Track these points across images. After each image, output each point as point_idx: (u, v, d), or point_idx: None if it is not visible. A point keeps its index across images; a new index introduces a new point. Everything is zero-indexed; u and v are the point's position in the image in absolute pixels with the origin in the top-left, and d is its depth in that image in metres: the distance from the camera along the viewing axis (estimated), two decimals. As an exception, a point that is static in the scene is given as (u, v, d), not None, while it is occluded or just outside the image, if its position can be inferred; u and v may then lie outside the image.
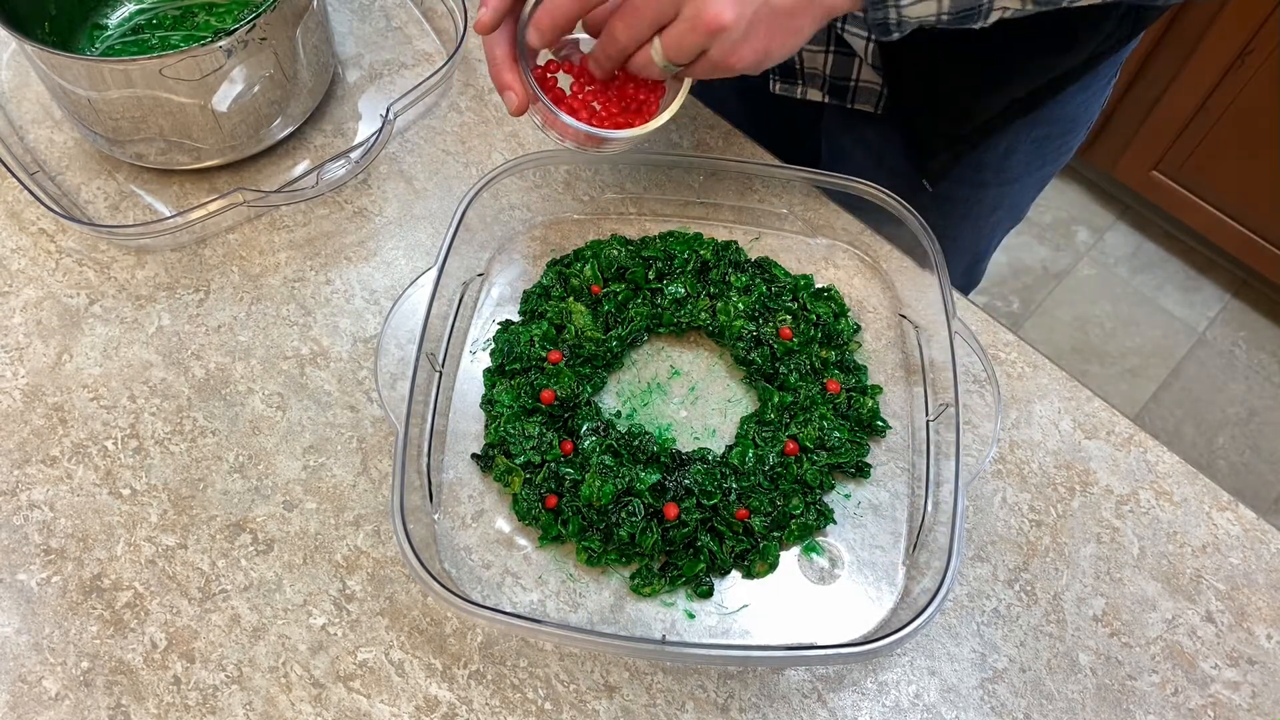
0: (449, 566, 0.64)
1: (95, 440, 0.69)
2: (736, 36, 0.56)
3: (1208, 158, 1.74)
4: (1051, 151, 0.90)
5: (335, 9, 0.91)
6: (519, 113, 0.63)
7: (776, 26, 0.57)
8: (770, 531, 0.64)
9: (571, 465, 0.65)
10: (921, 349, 0.72)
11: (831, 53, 0.79)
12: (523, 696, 0.61)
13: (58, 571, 0.64)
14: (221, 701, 0.60)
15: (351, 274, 0.77)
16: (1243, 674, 0.62)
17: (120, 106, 0.72)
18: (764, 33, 0.57)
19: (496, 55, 0.62)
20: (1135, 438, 0.70)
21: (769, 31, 0.57)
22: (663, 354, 0.74)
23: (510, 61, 0.62)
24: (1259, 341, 1.91)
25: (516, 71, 0.62)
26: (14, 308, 0.74)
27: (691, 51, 0.57)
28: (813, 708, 0.61)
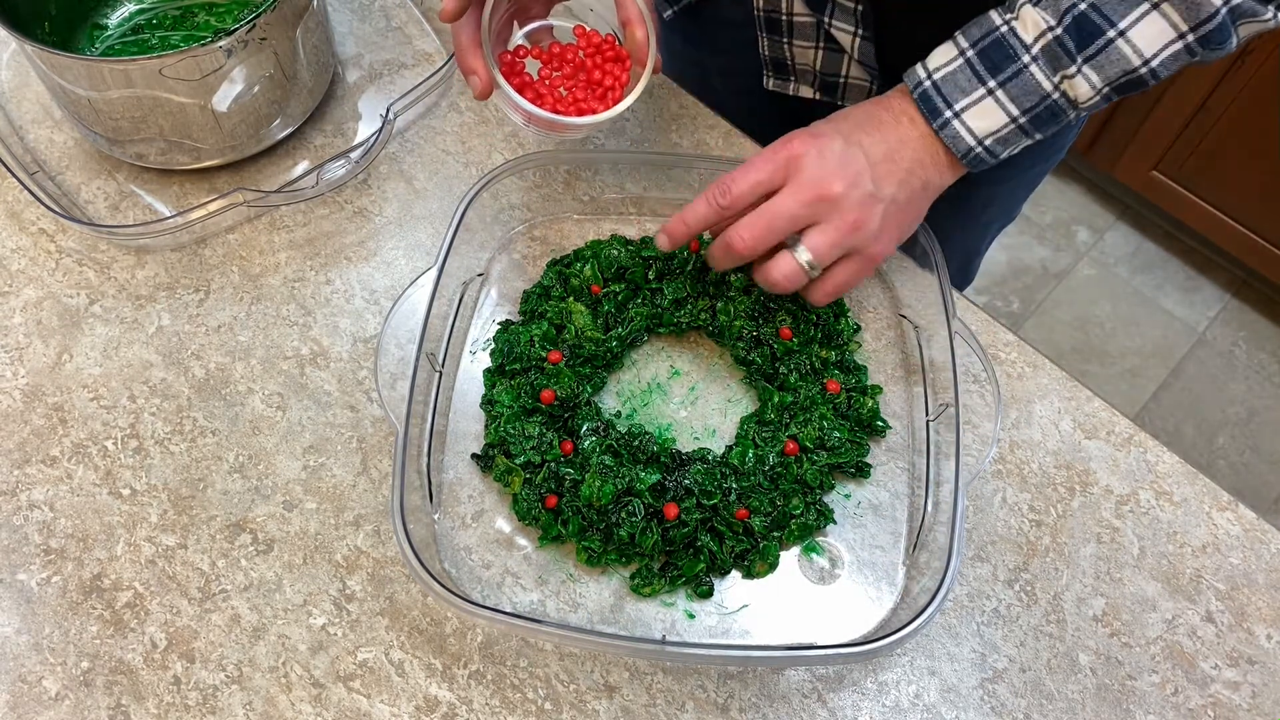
0: (449, 566, 0.64)
1: (95, 440, 0.69)
2: (873, 231, 0.62)
3: (1208, 158, 1.74)
4: (1043, 150, 0.90)
5: (335, 9, 0.91)
6: (482, 97, 0.65)
7: (903, 217, 0.64)
8: (770, 531, 0.64)
9: (571, 465, 0.65)
10: (921, 349, 0.72)
11: (821, 49, 0.79)
12: (523, 696, 0.61)
13: (58, 571, 0.64)
14: (221, 701, 0.60)
15: (351, 274, 0.77)
16: (1243, 674, 0.62)
17: (120, 106, 0.72)
18: (895, 224, 0.64)
19: (461, 41, 0.64)
20: (1135, 438, 0.70)
21: (898, 222, 0.64)
22: (663, 354, 0.74)
23: (474, 47, 0.64)
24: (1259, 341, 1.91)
25: (480, 57, 0.64)
26: (14, 308, 0.74)
27: (837, 251, 0.62)
28: (813, 708, 0.61)
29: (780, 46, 0.81)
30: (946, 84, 0.61)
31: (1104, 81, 0.59)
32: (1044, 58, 0.59)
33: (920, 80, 0.62)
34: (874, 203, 0.61)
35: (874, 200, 0.61)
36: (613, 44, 0.69)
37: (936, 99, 0.61)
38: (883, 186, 0.62)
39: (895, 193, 0.62)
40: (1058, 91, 0.60)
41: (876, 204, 0.61)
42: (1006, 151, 0.63)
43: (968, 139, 0.61)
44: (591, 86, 0.69)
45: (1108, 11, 0.57)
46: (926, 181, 0.63)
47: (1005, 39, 0.60)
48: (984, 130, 0.61)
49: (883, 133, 0.63)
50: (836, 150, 0.61)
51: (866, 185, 0.61)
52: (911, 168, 0.62)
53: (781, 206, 0.61)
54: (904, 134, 0.63)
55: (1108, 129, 1.84)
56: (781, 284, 0.63)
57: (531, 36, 0.70)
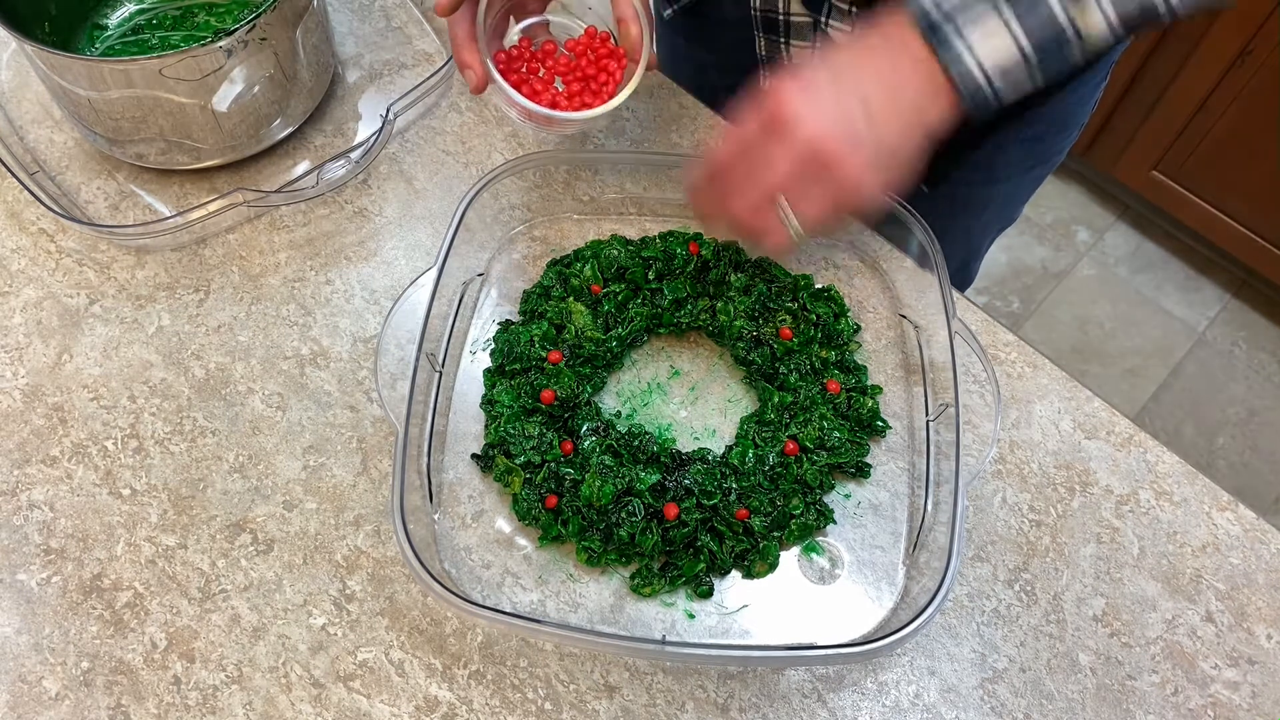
0: (449, 566, 0.64)
1: (95, 440, 0.69)
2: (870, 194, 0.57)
3: (1208, 158, 1.74)
4: (1042, 152, 0.90)
5: (335, 9, 0.91)
6: (478, 91, 0.64)
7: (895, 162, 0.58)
8: (770, 531, 0.64)
9: (571, 465, 0.65)
10: (921, 349, 0.72)
11: (818, 49, 0.79)
12: (523, 696, 0.61)
13: (58, 571, 0.64)
14: (221, 701, 0.60)
15: (351, 274, 0.77)
16: (1243, 674, 0.62)
17: (120, 106, 0.72)
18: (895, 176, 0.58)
19: (457, 36, 0.64)
20: (1135, 438, 0.70)
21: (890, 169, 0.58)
22: (663, 354, 0.74)
23: (470, 41, 0.64)
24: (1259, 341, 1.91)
25: (476, 51, 0.64)
26: (14, 308, 0.74)
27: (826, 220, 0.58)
28: (813, 708, 0.61)
29: (777, 46, 0.81)
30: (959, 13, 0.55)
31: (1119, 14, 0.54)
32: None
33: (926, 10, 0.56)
34: (872, 169, 0.56)
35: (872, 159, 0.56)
36: (607, 40, 0.69)
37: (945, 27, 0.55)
38: (882, 135, 0.56)
39: (896, 143, 0.56)
40: (1071, 26, 0.54)
41: (875, 163, 0.56)
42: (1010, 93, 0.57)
43: (977, 75, 0.55)
44: (586, 82, 0.69)
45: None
46: (928, 127, 0.57)
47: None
48: (993, 65, 0.55)
49: (879, 68, 0.57)
50: (829, 99, 0.56)
51: (864, 142, 0.56)
52: (912, 111, 0.56)
53: (773, 171, 0.57)
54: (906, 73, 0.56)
55: (1108, 129, 1.84)
56: (773, 253, 0.60)
57: (528, 32, 0.71)
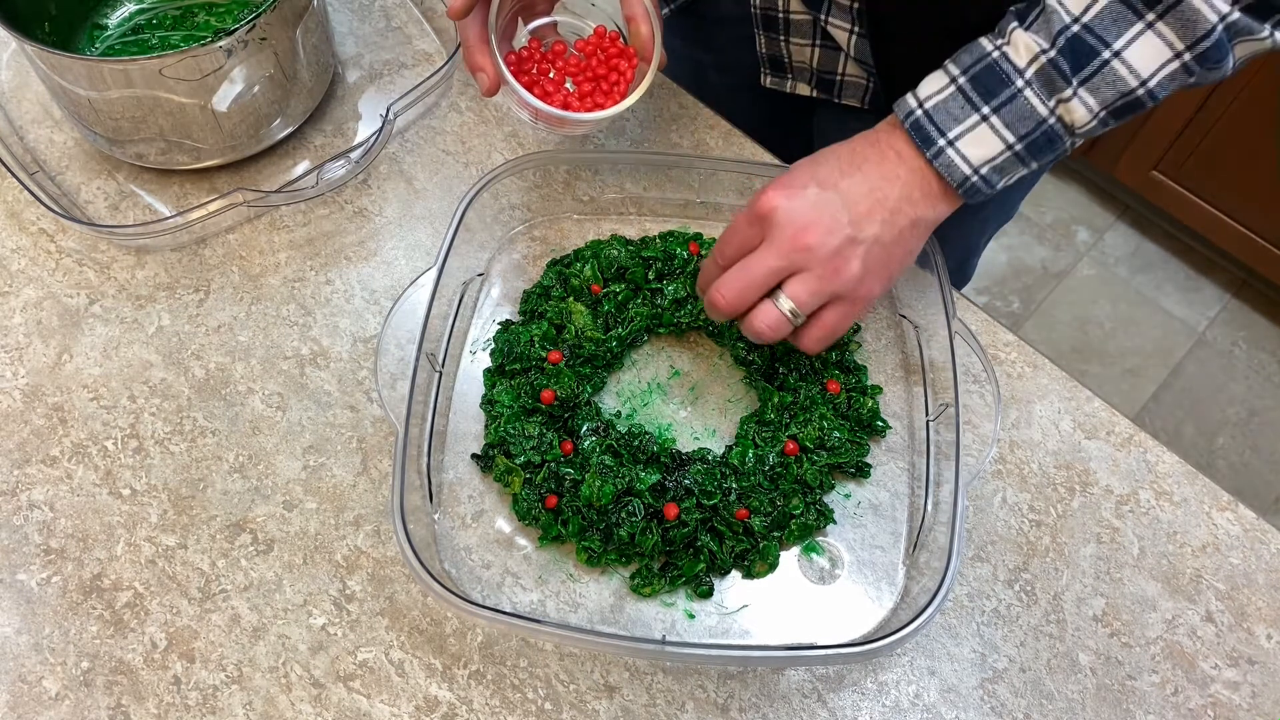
0: (449, 566, 0.64)
1: (95, 440, 0.69)
2: (856, 276, 0.60)
3: (1208, 158, 1.74)
4: None
5: (335, 9, 0.91)
6: (490, 93, 0.65)
7: (890, 257, 0.61)
8: (770, 531, 0.64)
9: (571, 465, 0.65)
10: (921, 349, 0.72)
11: (818, 46, 0.79)
12: (523, 696, 0.61)
13: (58, 571, 0.64)
14: (221, 701, 0.60)
15: (351, 274, 0.77)
16: (1243, 674, 0.62)
17: (120, 106, 0.72)
18: (881, 265, 0.61)
19: (469, 38, 0.64)
20: (1135, 438, 0.70)
21: (885, 262, 0.61)
22: (663, 354, 0.74)
23: (482, 44, 0.64)
24: (1259, 341, 1.91)
25: (488, 54, 0.64)
26: (14, 308, 0.74)
27: (819, 298, 0.60)
28: (813, 708, 0.61)
29: (777, 44, 0.81)
30: (939, 112, 0.59)
31: (1101, 104, 0.57)
32: (1038, 81, 0.57)
33: (911, 109, 0.60)
34: (853, 246, 0.59)
35: (853, 244, 0.59)
36: (617, 40, 0.69)
37: (929, 127, 0.59)
38: (863, 228, 0.60)
39: (879, 233, 0.60)
40: (1054, 116, 0.58)
41: (856, 247, 0.59)
42: (1003, 180, 0.61)
43: (963, 167, 0.59)
44: (598, 82, 0.69)
45: (1101, 32, 0.56)
46: (916, 218, 0.61)
47: (998, 64, 0.58)
48: (980, 158, 0.59)
49: (865, 171, 0.61)
50: (810, 198, 0.60)
51: (844, 230, 0.59)
52: (898, 205, 0.60)
53: (758, 261, 0.60)
54: (890, 170, 0.61)
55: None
56: (766, 334, 0.62)
57: (537, 33, 0.71)
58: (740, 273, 0.61)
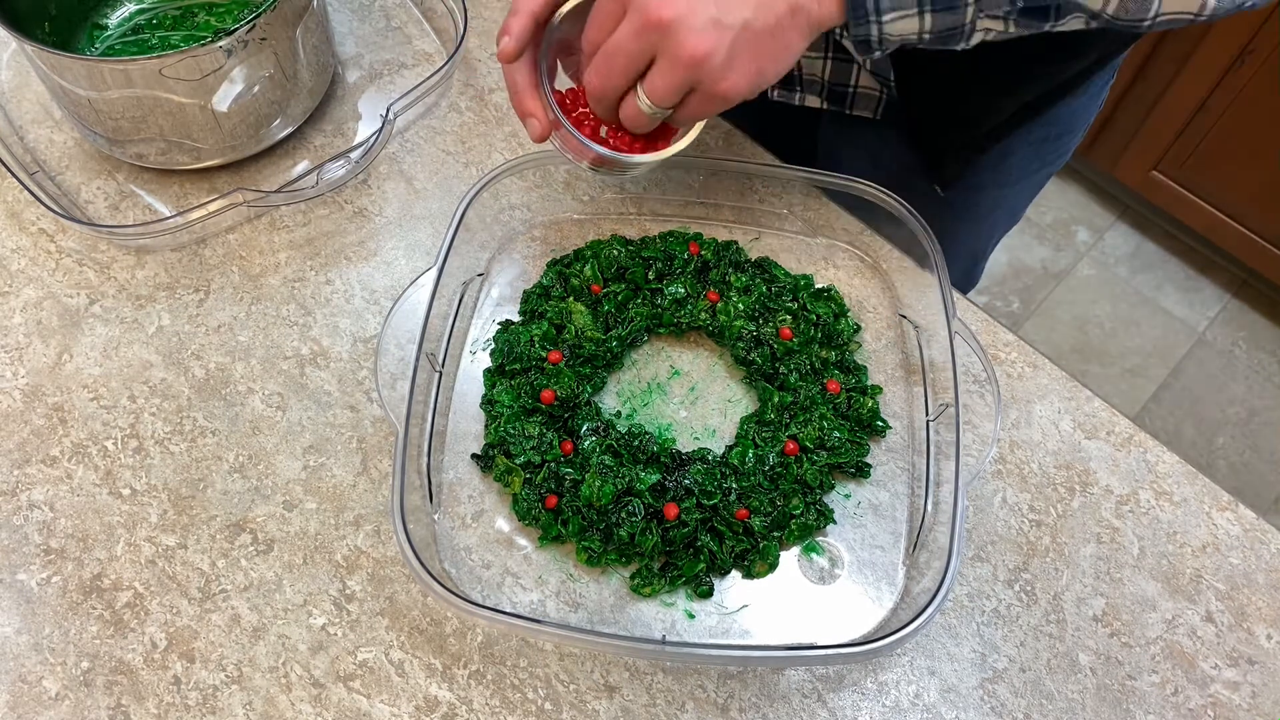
0: (449, 566, 0.64)
1: (95, 440, 0.69)
2: (719, 64, 0.53)
3: (1208, 158, 1.74)
4: (1049, 153, 0.90)
5: (335, 9, 0.91)
6: (540, 140, 0.61)
7: (762, 47, 0.54)
8: (770, 531, 0.64)
9: (571, 465, 0.65)
10: (921, 349, 0.72)
11: (830, 59, 0.79)
12: (523, 696, 0.61)
13: (58, 571, 0.64)
14: (221, 701, 0.60)
15: (351, 274, 0.77)
16: (1243, 674, 0.62)
17: (120, 106, 0.72)
18: (750, 55, 0.54)
19: (518, 82, 0.60)
20: (1135, 438, 0.70)
21: (755, 53, 0.54)
22: (663, 354, 0.74)
23: (533, 89, 0.60)
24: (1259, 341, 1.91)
25: (539, 98, 0.61)
26: (14, 308, 0.74)
27: (677, 91, 0.55)
28: (813, 708, 0.61)
29: None
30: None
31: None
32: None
33: None
34: (720, 29, 0.52)
35: (719, 26, 0.52)
36: None
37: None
38: (731, 9, 0.52)
39: (750, 17, 0.52)
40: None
41: (724, 30, 0.52)
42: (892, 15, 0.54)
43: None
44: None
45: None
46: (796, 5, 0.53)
47: None
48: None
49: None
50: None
51: (709, 8, 0.52)
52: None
53: (616, 42, 0.54)
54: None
55: (1108, 129, 1.84)
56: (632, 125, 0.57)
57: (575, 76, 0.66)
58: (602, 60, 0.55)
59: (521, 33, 0.58)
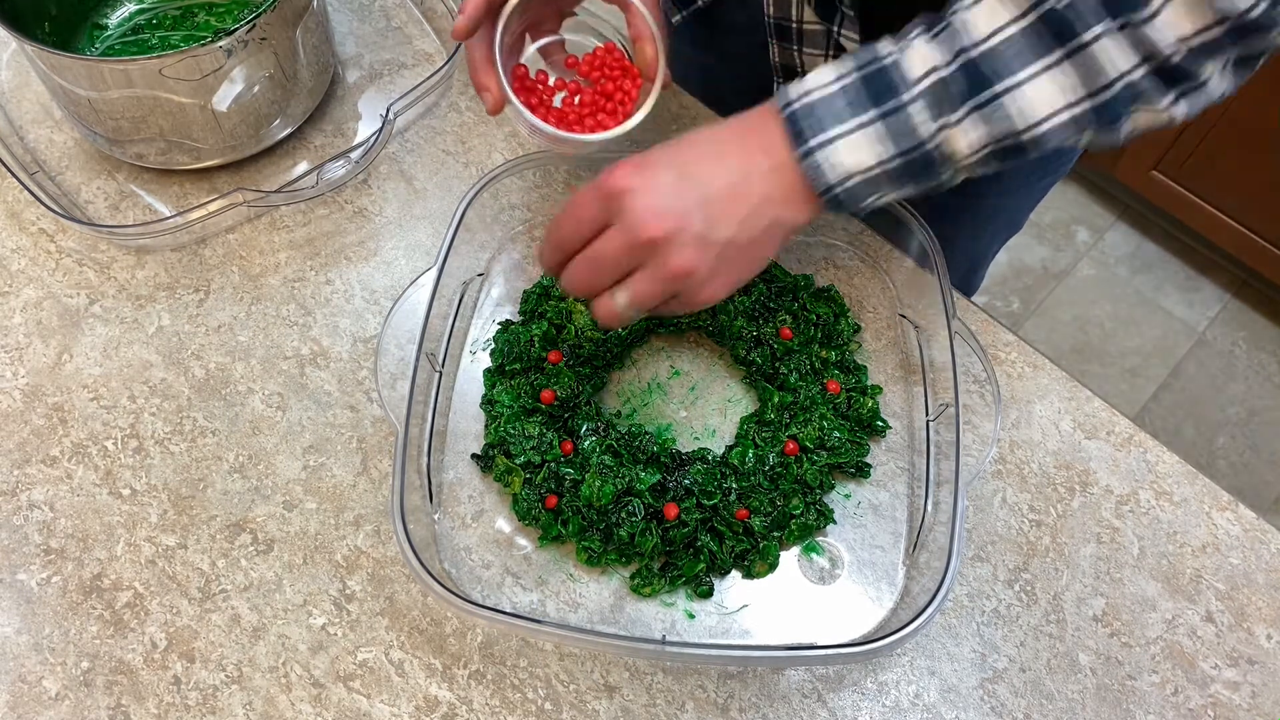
0: (449, 566, 0.64)
1: (95, 440, 0.69)
2: (702, 278, 0.55)
3: (1208, 158, 1.74)
4: (1051, 161, 0.90)
5: (335, 9, 0.91)
6: (494, 112, 0.64)
7: (742, 259, 0.57)
8: (770, 531, 0.64)
9: (571, 465, 0.65)
10: (921, 349, 0.72)
11: (831, 57, 0.79)
12: (523, 696, 0.61)
13: (58, 571, 0.64)
14: (221, 701, 0.60)
15: (351, 274, 0.77)
16: (1243, 674, 0.62)
17: (120, 106, 0.72)
18: (731, 268, 0.57)
19: (475, 57, 0.63)
20: (1135, 438, 0.70)
21: (736, 266, 0.57)
22: (663, 354, 0.74)
23: (488, 64, 0.63)
24: (1259, 341, 1.91)
25: (493, 73, 0.63)
26: (14, 308, 0.74)
27: (659, 299, 0.57)
28: (813, 708, 0.61)
29: (790, 53, 0.80)
30: (821, 107, 0.54)
31: (987, 138, 0.53)
32: (927, 98, 0.53)
33: (791, 100, 0.55)
34: (705, 247, 0.54)
35: (705, 244, 0.54)
36: (622, 59, 0.68)
37: (806, 122, 0.54)
38: (718, 227, 0.55)
39: (735, 234, 0.55)
40: (935, 140, 0.53)
41: (709, 248, 0.55)
42: (869, 199, 0.56)
43: (829, 174, 0.54)
44: (603, 100, 0.68)
45: (1003, 62, 0.51)
46: (776, 219, 0.56)
47: (888, 70, 0.54)
48: (850, 167, 0.54)
49: (727, 163, 0.56)
50: (665, 185, 0.55)
51: (696, 226, 0.54)
52: (758, 206, 0.55)
53: (604, 250, 0.56)
54: (754, 165, 0.55)
55: (1108, 129, 1.84)
56: (606, 325, 0.59)
57: (543, 51, 0.70)
58: (586, 263, 0.57)
59: (474, 11, 0.61)
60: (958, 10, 0.53)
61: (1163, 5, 0.50)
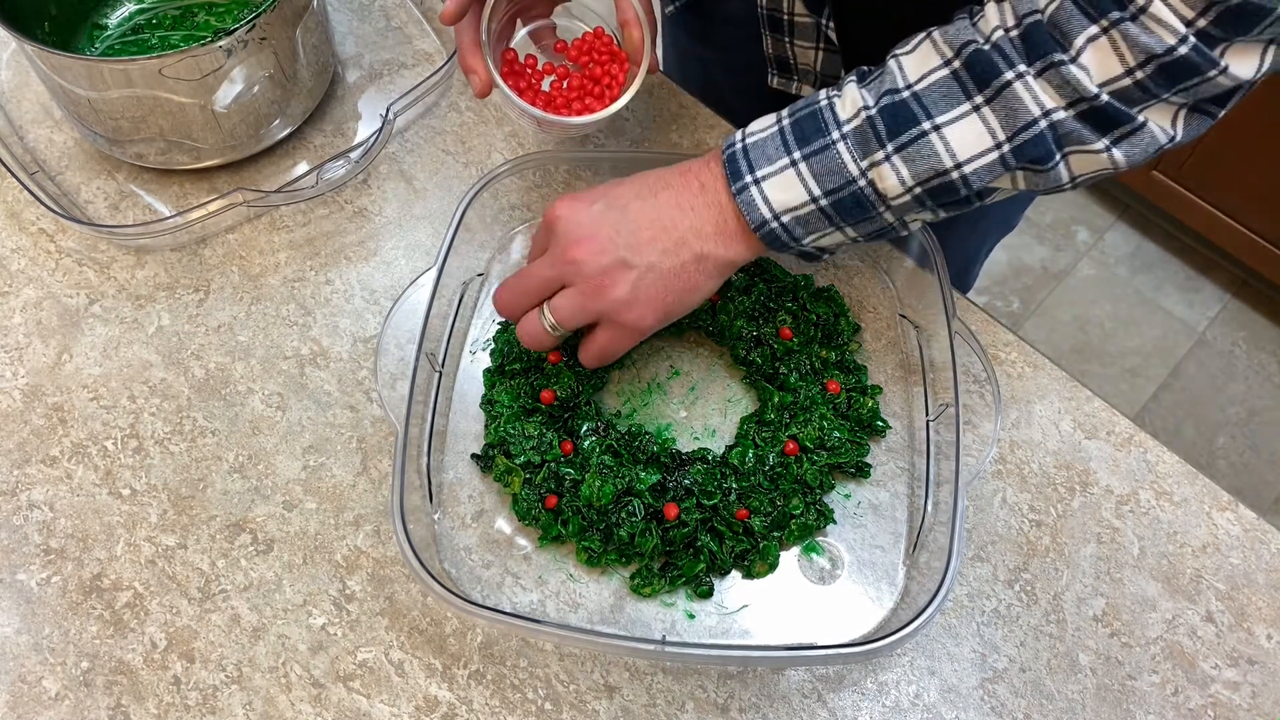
0: (449, 566, 0.64)
1: (95, 440, 0.69)
2: (623, 298, 0.59)
3: (1208, 158, 1.74)
4: None
5: (335, 9, 0.91)
6: (482, 95, 0.66)
7: (668, 287, 0.60)
8: (770, 531, 0.64)
9: (571, 465, 0.65)
10: (921, 349, 0.72)
11: (821, 50, 0.79)
12: (523, 696, 0.61)
13: (58, 571, 0.64)
14: (221, 701, 0.60)
15: (351, 274, 0.77)
16: (1243, 674, 0.62)
17: (120, 106, 0.72)
18: (656, 293, 0.60)
19: (463, 41, 0.65)
20: (1135, 438, 0.70)
21: (661, 291, 0.60)
22: (663, 354, 0.74)
23: (475, 47, 0.65)
24: (1259, 341, 1.91)
25: (480, 56, 0.65)
26: (14, 308, 0.74)
27: (579, 315, 0.60)
28: (813, 708, 0.61)
29: (783, 45, 0.81)
30: (755, 150, 0.58)
31: (913, 177, 0.55)
32: (854, 137, 0.55)
33: (733, 143, 0.59)
34: (624, 270, 0.58)
35: (624, 267, 0.58)
36: (610, 44, 0.69)
37: (741, 162, 0.58)
38: (640, 253, 0.58)
39: (656, 261, 0.59)
40: (864, 178, 0.56)
41: (627, 271, 0.58)
42: (811, 238, 0.59)
43: (763, 209, 0.58)
44: (590, 85, 0.69)
45: (927, 104, 0.54)
46: (703, 254, 0.59)
47: (821, 112, 0.57)
48: (782, 204, 0.57)
49: (661, 197, 0.60)
50: (593, 214, 0.59)
51: (616, 251, 0.58)
52: (684, 237, 0.59)
53: (533, 270, 0.61)
54: (689, 200, 0.59)
55: (1108, 129, 1.84)
56: (528, 343, 0.63)
57: (534, 35, 0.71)
58: (517, 279, 0.63)
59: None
60: (894, 55, 0.57)
61: (1085, 45, 0.50)
